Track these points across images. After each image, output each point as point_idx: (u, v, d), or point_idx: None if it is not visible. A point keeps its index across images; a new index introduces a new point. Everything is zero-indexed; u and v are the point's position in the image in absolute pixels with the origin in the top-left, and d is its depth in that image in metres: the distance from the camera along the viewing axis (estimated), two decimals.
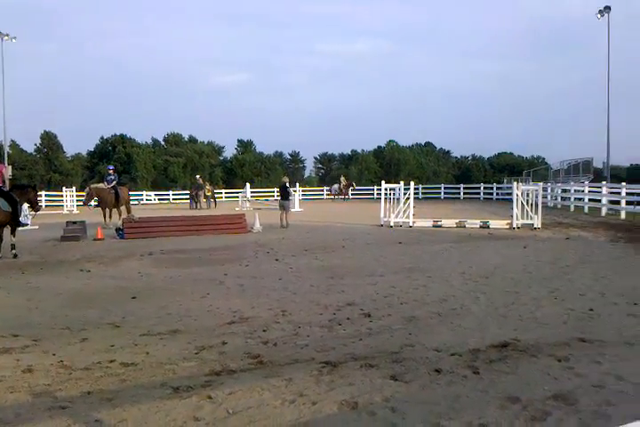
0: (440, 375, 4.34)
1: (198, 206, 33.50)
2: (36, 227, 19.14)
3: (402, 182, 19.65)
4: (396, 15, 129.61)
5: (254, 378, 4.37)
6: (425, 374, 4.37)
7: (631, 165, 69.19)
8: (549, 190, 30.45)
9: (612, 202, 22.67)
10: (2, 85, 35.67)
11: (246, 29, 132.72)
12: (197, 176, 37.70)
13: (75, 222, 16.41)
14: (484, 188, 44.13)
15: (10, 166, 32.87)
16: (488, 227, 17.72)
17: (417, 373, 4.41)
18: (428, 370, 4.46)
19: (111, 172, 20.90)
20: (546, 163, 58.92)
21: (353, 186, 45.47)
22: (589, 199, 24.75)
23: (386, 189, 19.53)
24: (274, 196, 40.60)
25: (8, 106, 36.19)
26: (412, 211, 18.75)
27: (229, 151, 74.20)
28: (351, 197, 44.69)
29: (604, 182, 24.45)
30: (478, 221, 18.30)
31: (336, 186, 45.28)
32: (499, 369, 4.47)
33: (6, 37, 35.47)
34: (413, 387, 4.14)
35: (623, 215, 20.78)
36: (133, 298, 7.63)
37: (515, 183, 18.95)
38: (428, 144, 76.61)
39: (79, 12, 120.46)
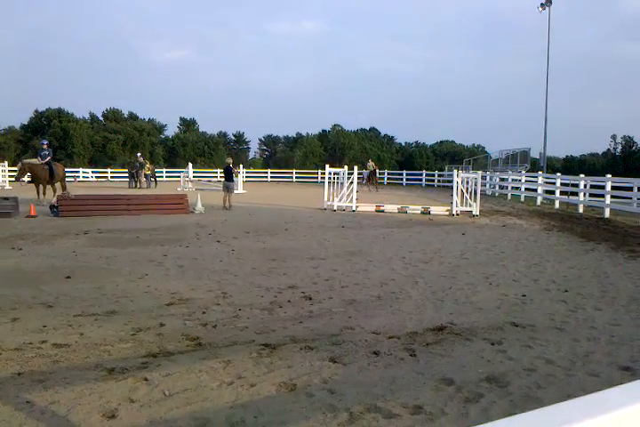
0: (378, 358, 4.41)
1: (138, 185, 32.71)
2: None
3: (346, 167, 19.73)
4: None
5: (192, 360, 4.32)
6: (363, 357, 4.43)
7: (567, 156, 72.18)
8: (488, 179, 31.27)
9: (547, 191, 23.49)
10: None
11: (189, 5, 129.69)
12: (139, 154, 36.76)
13: (6, 198, 15.72)
14: (426, 175, 44.87)
15: None
16: (429, 213, 18.06)
17: (356, 355, 4.47)
18: (366, 352, 4.52)
19: (45, 146, 20.00)
20: (486, 152, 60.41)
21: (375, 173, 35.00)
22: (526, 188, 25.55)
23: (330, 174, 19.58)
24: (217, 177, 40.07)
25: None
26: (355, 195, 18.88)
27: (171, 130, 72.80)
28: (378, 188, 34.17)
29: (540, 172, 25.30)
30: (420, 207, 18.63)
31: (366, 172, 35.18)
32: (435, 352, 4.57)
33: None
34: (352, 369, 4.18)
35: (557, 205, 21.57)
36: (68, 278, 7.38)
37: (455, 171, 19.34)
38: (372, 129, 77.29)
39: None
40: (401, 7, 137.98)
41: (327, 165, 20.75)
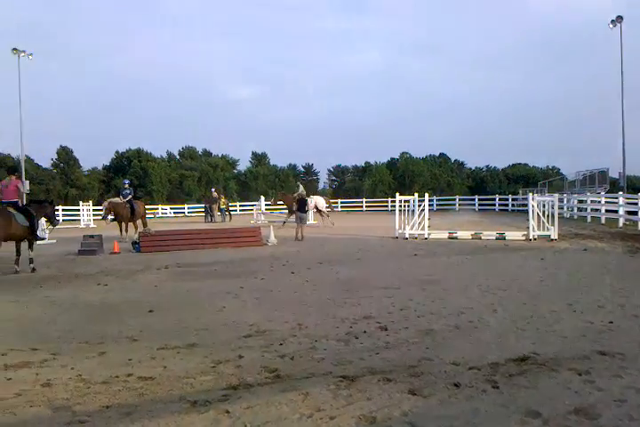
0: (459, 390, 4.30)
1: (212, 220, 33.65)
2: (54, 241, 19.34)
3: (416, 194, 19.62)
4: (405, 28, 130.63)
5: (271, 392, 4.35)
6: (443, 389, 4.33)
7: None
8: (565, 201, 30.22)
9: (629, 213, 22.43)
10: (19, 101, 36.25)
11: (259, 43, 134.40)
12: (212, 189, 37.95)
13: (92, 236, 16.52)
14: (500, 199, 43.91)
15: (27, 181, 33.31)
16: (504, 238, 17.60)
17: (435, 387, 4.37)
18: (446, 384, 4.42)
19: (127, 186, 21.08)
20: (561, 173, 58.59)
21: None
22: (606, 210, 24.49)
23: (400, 202, 19.52)
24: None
25: (24, 122, 36.57)
26: (427, 223, 18.69)
27: (243, 164, 74.77)
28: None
29: (621, 193, 24.23)
30: (494, 233, 18.20)
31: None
32: (518, 383, 4.41)
33: (23, 54, 36.12)
34: (432, 401, 4.10)
35: None
36: (150, 311, 7.65)
37: (530, 194, 18.84)
38: (441, 155, 76.45)
39: (94, 29, 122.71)
40: (464, 34, 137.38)
41: (397, 194, 20.71)
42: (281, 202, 29.38)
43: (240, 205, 47.64)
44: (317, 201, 27.94)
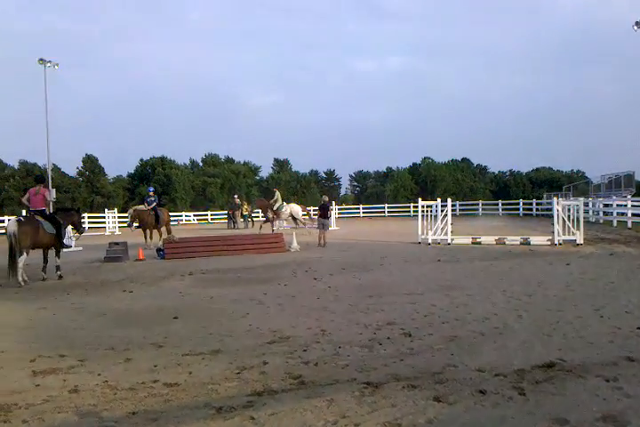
0: (485, 397, 4.26)
1: (235, 226, 33.83)
2: (80, 248, 19.63)
3: (439, 199, 19.52)
4: (425, 31, 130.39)
5: (296, 399, 4.36)
6: (469, 396, 4.29)
7: None
8: (590, 205, 29.78)
9: None
10: (45, 111, 36.91)
11: (278, 49, 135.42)
12: (235, 196, 38.18)
13: (117, 243, 16.72)
14: (524, 204, 43.44)
15: (54, 190, 33.89)
16: (529, 243, 17.41)
17: (461, 394, 4.34)
18: (472, 391, 4.38)
19: (151, 193, 21.31)
20: (586, 177, 57.78)
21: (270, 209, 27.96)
22: (632, 214, 24.08)
23: (423, 207, 19.43)
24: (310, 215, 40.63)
25: (51, 131, 37.18)
26: (449, 228, 18.57)
27: (265, 171, 75.15)
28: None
29: None
30: (518, 238, 18.02)
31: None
32: (545, 390, 4.36)
33: (49, 64, 36.80)
34: (457, 409, 4.06)
35: None
36: (175, 318, 7.71)
37: (555, 198, 18.61)
38: (464, 160, 75.89)
39: (116, 39, 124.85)
40: (485, 36, 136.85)
41: (420, 199, 20.63)
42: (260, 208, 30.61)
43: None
44: (293, 209, 28.42)
